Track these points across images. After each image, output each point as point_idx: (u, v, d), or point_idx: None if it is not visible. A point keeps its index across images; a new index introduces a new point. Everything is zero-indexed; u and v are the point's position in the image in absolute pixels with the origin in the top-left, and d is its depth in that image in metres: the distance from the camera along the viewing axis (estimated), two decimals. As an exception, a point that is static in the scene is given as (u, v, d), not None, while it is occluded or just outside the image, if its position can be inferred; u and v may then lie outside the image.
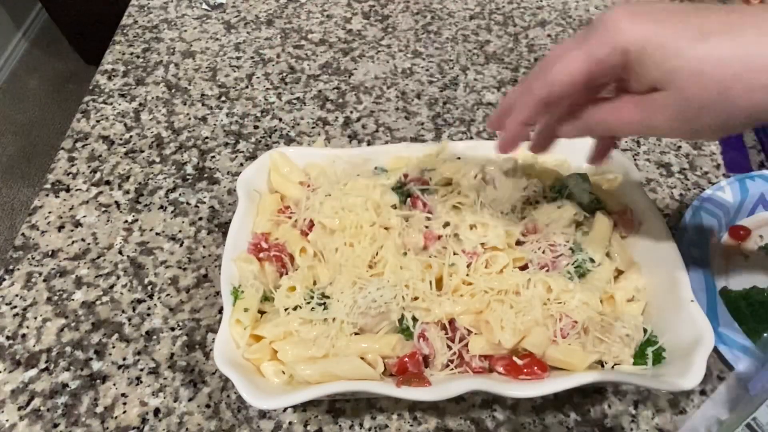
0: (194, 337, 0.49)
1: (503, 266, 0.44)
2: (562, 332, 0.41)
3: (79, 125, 0.70)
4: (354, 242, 0.45)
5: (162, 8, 0.89)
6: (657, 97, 0.31)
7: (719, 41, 0.28)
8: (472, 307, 0.42)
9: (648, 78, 0.30)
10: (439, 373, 0.41)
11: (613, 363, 0.41)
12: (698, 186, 0.62)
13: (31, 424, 0.44)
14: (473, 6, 0.89)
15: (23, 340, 0.49)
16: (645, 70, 0.30)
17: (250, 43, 0.82)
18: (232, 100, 0.73)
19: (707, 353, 0.38)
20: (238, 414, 0.44)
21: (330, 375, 0.40)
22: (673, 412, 0.44)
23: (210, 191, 0.61)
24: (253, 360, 0.42)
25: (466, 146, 0.54)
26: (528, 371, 0.40)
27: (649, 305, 0.44)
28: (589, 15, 0.87)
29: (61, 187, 0.62)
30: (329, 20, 0.86)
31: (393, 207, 0.48)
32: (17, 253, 0.56)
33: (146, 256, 0.55)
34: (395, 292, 0.42)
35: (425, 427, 0.44)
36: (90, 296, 0.52)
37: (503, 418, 0.44)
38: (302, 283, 0.44)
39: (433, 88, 0.74)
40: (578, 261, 0.45)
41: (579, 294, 0.42)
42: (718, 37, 0.29)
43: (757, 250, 0.55)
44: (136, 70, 0.78)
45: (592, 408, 0.45)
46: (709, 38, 0.29)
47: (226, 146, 0.67)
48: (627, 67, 0.31)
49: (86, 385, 0.46)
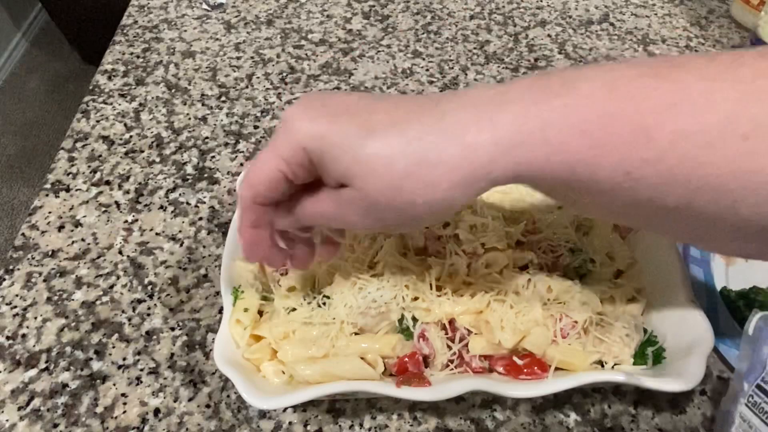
0: (194, 337, 0.49)
1: (503, 266, 0.44)
2: (562, 332, 0.41)
3: (79, 125, 0.70)
4: (354, 242, 0.45)
5: (162, 8, 0.89)
6: (344, 193, 0.30)
7: (386, 138, 0.28)
8: (472, 307, 0.42)
9: (332, 174, 0.30)
10: (439, 373, 0.41)
11: (613, 363, 0.41)
12: (698, 186, 0.62)
13: (31, 424, 0.44)
14: (473, 6, 0.89)
15: (23, 340, 0.49)
16: (326, 167, 0.30)
17: (250, 43, 0.82)
18: (232, 100, 0.73)
19: (707, 353, 0.38)
20: (238, 414, 0.44)
21: (330, 375, 0.40)
22: (673, 412, 0.44)
23: (210, 191, 0.62)
24: (253, 360, 0.42)
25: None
26: (528, 371, 0.40)
27: (649, 305, 0.44)
28: (589, 15, 0.87)
29: (61, 187, 0.62)
30: (329, 20, 0.86)
31: (393, 207, 0.48)
32: (17, 253, 0.56)
33: (146, 256, 0.55)
34: (395, 292, 0.42)
35: (425, 427, 0.44)
36: (90, 296, 0.52)
37: (503, 418, 0.44)
38: (302, 283, 0.44)
39: (433, 88, 0.74)
40: (578, 261, 0.45)
41: (579, 294, 0.42)
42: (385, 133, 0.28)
43: (757, 250, 0.55)
44: (136, 70, 0.78)
45: (592, 408, 0.45)
46: (376, 135, 0.28)
47: (226, 146, 0.67)
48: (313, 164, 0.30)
49: (86, 385, 0.46)
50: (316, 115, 0.29)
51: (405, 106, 0.29)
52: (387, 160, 0.28)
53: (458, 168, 0.27)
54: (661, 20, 0.86)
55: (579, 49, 0.81)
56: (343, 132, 0.28)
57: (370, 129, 0.28)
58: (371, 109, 0.29)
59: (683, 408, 0.45)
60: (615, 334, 0.41)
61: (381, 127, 0.28)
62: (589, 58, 0.79)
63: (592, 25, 0.85)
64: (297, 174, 0.31)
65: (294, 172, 0.31)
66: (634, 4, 0.90)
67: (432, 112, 0.28)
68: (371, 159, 0.28)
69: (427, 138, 0.28)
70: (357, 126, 0.28)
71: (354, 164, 0.28)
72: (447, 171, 0.27)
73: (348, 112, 0.29)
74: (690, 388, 0.37)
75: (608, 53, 0.80)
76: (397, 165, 0.28)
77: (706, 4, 0.90)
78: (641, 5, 0.90)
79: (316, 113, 0.30)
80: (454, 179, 0.28)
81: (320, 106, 0.30)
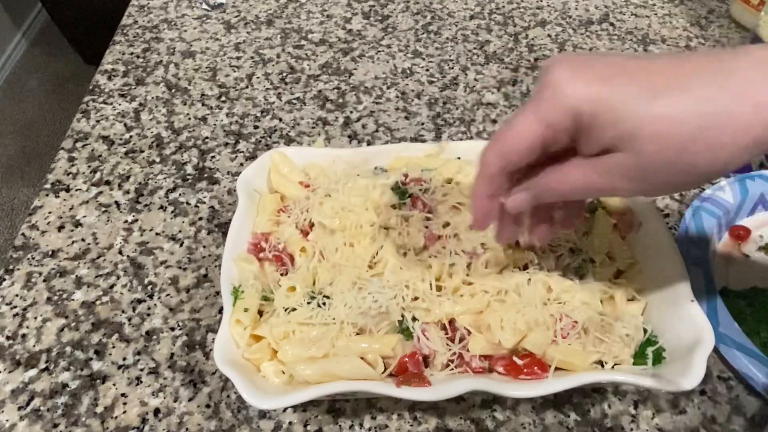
0: (194, 337, 0.49)
1: (503, 266, 0.44)
2: (563, 332, 0.41)
3: (79, 125, 0.70)
4: (354, 242, 0.45)
5: (162, 8, 0.89)
6: (614, 160, 0.29)
7: (672, 99, 0.27)
8: (472, 307, 0.42)
9: (601, 140, 0.29)
10: (439, 373, 0.41)
11: (613, 363, 0.41)
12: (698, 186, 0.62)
13: (31, 424, 0.44)
14: (473, 6, 0.89)
15: (23, 340, 0.49)
16: (598, 132, 0.29)
17: (250, 43, 0.82)
18: (232, 100, 0.73)
19: (707, 353, 0.38)
20: (238, 414, 0.44)
21: (330, 375, 0.40)
22: (673, 412, 0.44)
23: (210, 191, 0.62)
24: (253, 360, 0.42)
25: (466, 146, 0.54)
26: (528, 371, 0.40)
27: (649, 305, 0.44)
28: (589, 15, 0.87)
29: (61, 187, 0.62)
30: (329, 20, 0.86)
31: (393, 207, 0.48)
32: (17, 253, 0.56)
33: (146, 256, 0.55)
34: (395, 292, 0.42)
35: (425, 427, 0.44)
36: (90, 296, 0.52)
37: (503, 418, 0.44)
38: (302, 283, 0.44)
39: (433, 88, 0.74)
40: (578, 261, 0.45)
41: (579, 294, 0.42)
42: (670, 94, 0.27)
43: (757, 250, 0.55)
44: (136, 70, 0.78)
45: (592, 408, 0.45)
46: (661, 96, 0.27)
47: (226, 146, 0.67)
48: (578, 130, 0.30)
49: (86, 385, 0.46)
50: (588, 79, 0.28)
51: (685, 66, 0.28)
52: (674, 122, 0.27)
53: (748, 129, 0.26)
54: (661, 20, 0.86)
55: (579, 49, 0.81)
56: (623, 94, 0.28)
57: (654, 90, 0.27)
58: (649, 70, 0.28)
59: (683, 408, 0.45)
60: (615, 334, 0.41)
61: (664, 87, 0.27)
62: (589, 58, 0.79)
63: (592, 25, 0.85)
64: (557, 140, 0.30)
65: (555, 138, 0.30)
66: (634, 4, 0.90)
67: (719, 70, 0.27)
68: (656, 121, 0.27)
69: (716, 98, 0.26)
70: (637, 87, 0.28)
71: (635, 127, 0.27)
72: (736, 133, 0.26)
73: (624, 73, 0.28)
74: (690, 388, 0.36)
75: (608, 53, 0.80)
76: (685, 127, 0.27)
77: (706, 4, 0.90)
78: (641, 5, 0.90)
79: (588, 76, 0.29)
80: (741, 142, 0.27)
81: (589, 68, 0.29)
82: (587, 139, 0.30)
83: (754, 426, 0.44)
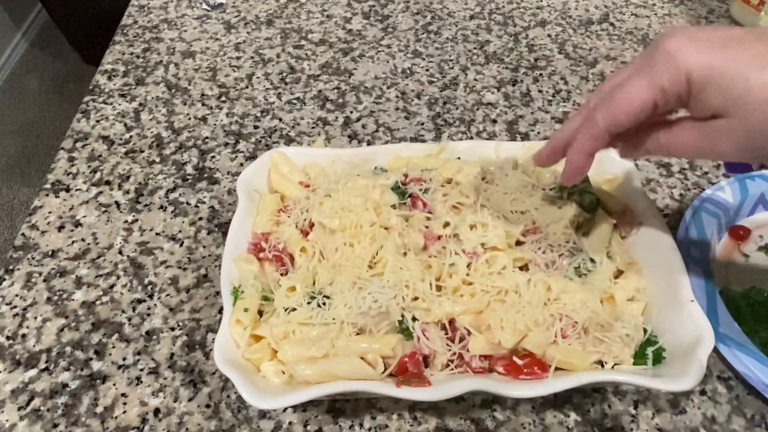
0: (194, 337, 0.49)
1: (503, 266, 0.44)
2: (562, 332, 0.41)
3: (79, 125, 0.70)
4: (354, 242, 0.45)
5: (162, 8, 0.89)
6: (720, 124, 0.31)
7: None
8: (472, 307, 0.42)
9: (711, 105, 0.31)
10: (439, 373, 0.41)
11: (613, 363, 0.41)
12: (698, 186, 0.62)
13: (31, 424, 0.44)
14: (473, 6, 0.89)
15: (23, 340, 0.49)
16: (708, 97, 0.31)
17: (250, 43, 0.82)
18: (232, 100, 0.73)
19: (707, 353, 0.38)
20: (238, 414, 0.44)
21: (330, 375, 0.40)
22: (673, 412, 0.44)
23: (210, 191, 0.62)
24: (253, 360, 0.42)
25: (466, 146, 0.54)
26: (528, 371, 0.40)
27: (649, 305, 0.44)
28: (589, 15, 0.87)
29: (61, 187, 0.62)
30: (329, 20, 0.86)
31: (393, 207, 0.48)
32: (17, 253, 0.56)
33: (146, 256, 0.55)
34: (395, 292, 0.42)
35: (425, 427, 0.44)
36: (90, 296, 0.52)
37: (503, 418, 0.44)
38: (302, 283, 0.44)
39: (433, 88, 0.74)
40: (578, 261, 0.45)
41: (579, 294, 0.42)
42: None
43: (757, 250, 0.55)
44: (136, 70, 0.78)
45: (592, 408, 0.45)
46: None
47: (226, 146, 0.67)
48: (689, 94, 0.31)
49: (86, 385, 0.46)
50: (704, 47, 0.30)
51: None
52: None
53: None
54: (661, 20, 0.86)
55: (579, 49, 0.81)
56: (734, 62, 0.29)
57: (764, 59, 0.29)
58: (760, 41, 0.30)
59: (683, 408, 0.45)
60: (615, 334, 0.41)
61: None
62: (589, 58, 0.79)
63: (592, 25, 0.85)
64: (669, 104, 0.32)
65: (667, 102, 0.32)
66: (634, 4, 0.90)
67: None
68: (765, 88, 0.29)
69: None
70: (749, 56, 0.29)
71: (746, 93, 0.29)
72: None
73: (736, 43, 0.30)
74: (690, 388, 0.36)
75: (608, 53, 0.80)
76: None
77: (706, 4, 0.90)
78: (641, 5, 0.90)
79: (704, 45, 0.30)
80: None
81: (703, 38, 0.31)
82: (697, 103, 0.31)
83: (754, 426, 0.44)
